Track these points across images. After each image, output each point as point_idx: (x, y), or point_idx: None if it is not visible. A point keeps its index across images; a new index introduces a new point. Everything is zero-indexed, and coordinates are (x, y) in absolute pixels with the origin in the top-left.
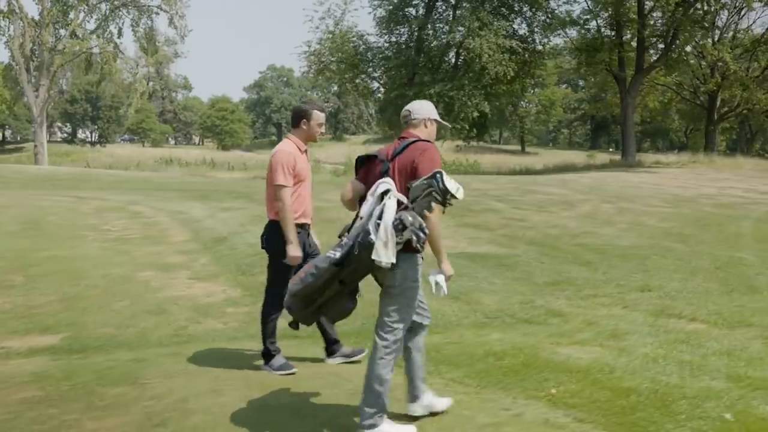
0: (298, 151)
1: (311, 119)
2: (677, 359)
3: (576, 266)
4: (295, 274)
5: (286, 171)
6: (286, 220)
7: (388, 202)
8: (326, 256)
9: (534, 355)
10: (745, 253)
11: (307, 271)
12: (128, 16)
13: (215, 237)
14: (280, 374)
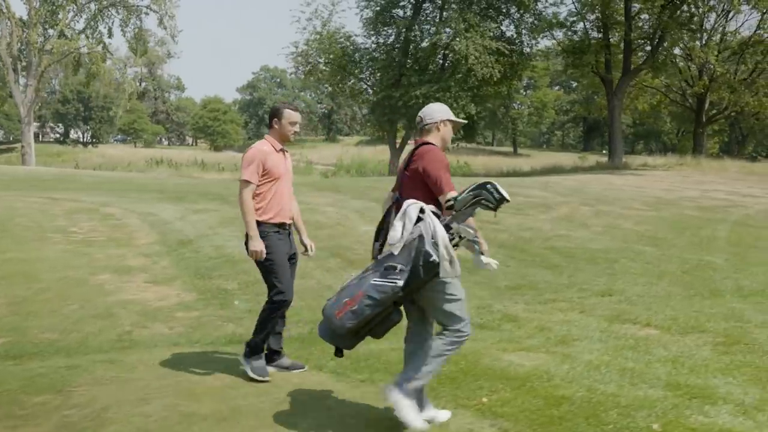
0: (272, 150)
1: (282, 118)
2: (620, 366)
3: (541, 270)
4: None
5: (252, 168)
6: (246, 214)
7: (432, 220)
8: (382, 284)
9: (476, 362)
10: (716, 257)
11: (360, 304)
12: (117, 16)
13: (181, 239)
14: (253, 375)
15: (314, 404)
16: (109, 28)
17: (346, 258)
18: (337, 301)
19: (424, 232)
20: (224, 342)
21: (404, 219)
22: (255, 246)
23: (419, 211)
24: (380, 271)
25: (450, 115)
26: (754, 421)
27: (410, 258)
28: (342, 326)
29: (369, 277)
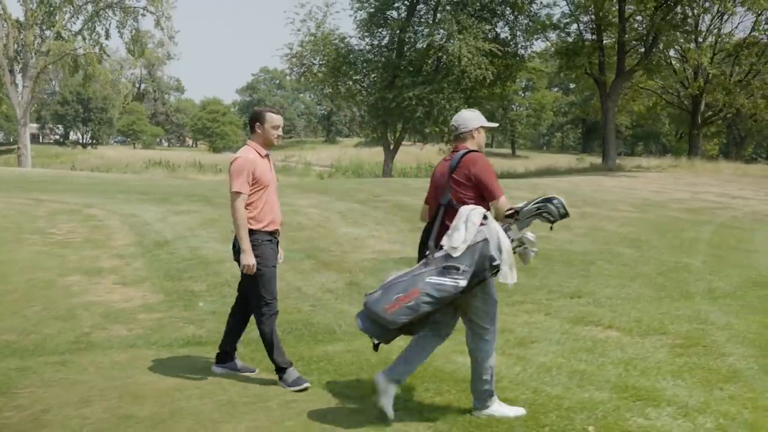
0: (258, 157)
1: (265, 122)
2: (572, 369)
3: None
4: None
5: (243, 178)
6: (239, 228)
7: (496, 226)
8: (442, 283)
9: (428, 363)
10: (694, 259)
11: (418, 300)
12: (114, 17)
13: (158, 241)
14: (294, 390)
15: (256, 406)
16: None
17: (321, 260)
18: (384, 297)
19: (489, 237)
20: (182, 344)
21: (467, 223)
22: (247, 260)
23: (482, 216)
24: (439, 269)
25: (483, 121)
26: (693, 424)
27: (474, 260)
28: (394, 321)
29: (424, 275)
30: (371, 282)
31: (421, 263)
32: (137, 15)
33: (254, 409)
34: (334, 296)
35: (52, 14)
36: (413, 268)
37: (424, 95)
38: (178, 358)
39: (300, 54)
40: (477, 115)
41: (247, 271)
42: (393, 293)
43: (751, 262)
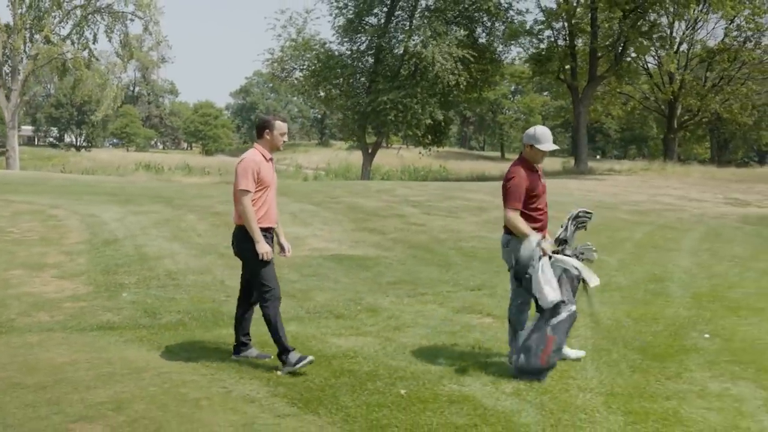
0: (264, 160)
1: (274, 129)
2: (422, 347)
3: (434, 267)
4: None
5: (249, 177)
6: (250, 221)
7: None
8: (562, 321)
9: (304, 343)
10: (613, 257)
11: (557, 342)
12: (103, 22)
13: (107, 239)
14: (299, 369)
15: (131, 377)
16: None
17: None
18: (530, 356)
19: (566, 266)
20: (94, 328)
21: (543, 276)
22: (262, 248)
23: (548, 258)
24: (551, 311)
25: (536, 142)
26: (500, 392)
27: (568, 288)
28: (552, 365)
29: (544, 325)
30: (293, 276)
31: (537, 318)
32: (125, 20)
33: (128, 379)
34: None
35: (41, 19)
36: (535, 319)
37: (398, 99)
38: (87, 340)
39: (281, 59)
40: (534, 133)
41: (264, 257)
42: (535, 351)
43: (664, 260)
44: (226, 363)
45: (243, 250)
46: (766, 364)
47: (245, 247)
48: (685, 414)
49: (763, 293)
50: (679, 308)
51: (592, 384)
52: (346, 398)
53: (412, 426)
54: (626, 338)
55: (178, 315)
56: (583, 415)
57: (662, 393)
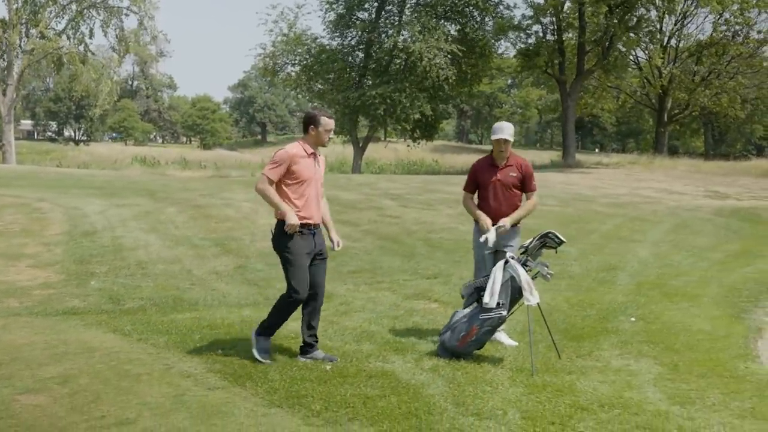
0: (303, 154)
1: (320, 125)
2: (363, 330)
3: (397, 257)
4: (460, 335)
5: (276, 167)
6: (271, 197)
7: (516, 265)
8: (491, 318)
9: (250, 326)
10: (574, 247)
11: (479, 335)
12: (98, 17)
13: (87, 231)
14: (255, 354)
15: (82, 356)
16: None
17: (226, 248)
18: (454, 336)
19: (514, 275)
20: (59, 313)
21: (494, 277)
22: (291, 219)
23: (504, 262)
24: (487, 309)
25: (494, 135)
26: (419, 368)
27: (508, 294)
28: (467, 352)
29: (477, 315)
30: (259, 266)
31: (475, 305)
32: (121, 15)
33: (79, 357)
34: (217, 277)
35: (36, 13)
36: (471, 309)
37: (387, 94)
38: (49, 323)
39: (273, 54)
40: (496, 127)
41: (292, 230)
42: (459, 333)
43: (624, 250)
44: (173, 343)
45: (277, 244)
46: (673, 344)
47: (279, 242)
48: (580, 386)
49: (705, 281)
50: (618, 295)
51: (506, 361)
52: (274, 374)
53: (327, 396)
54: (555, 321)
55: (141, 301)
56: (487, 387)
57: (567, 369)
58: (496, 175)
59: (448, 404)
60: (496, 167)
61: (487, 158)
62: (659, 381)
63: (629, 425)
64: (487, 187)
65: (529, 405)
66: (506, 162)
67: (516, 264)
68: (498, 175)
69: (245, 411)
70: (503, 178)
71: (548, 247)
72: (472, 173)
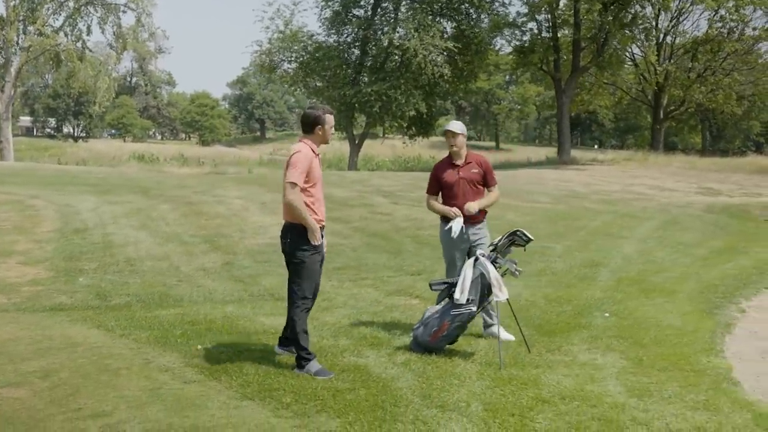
0: (314, 155)
1: (326, 124)
2: (341, 325)
3: (384, 254)
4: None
5: (300, 170)
6: (301, 212)
7: (486, 262)
8: (461, 314)
9: (233, 322)
10: (561, 243)
11: (450, 330)
12: (96, 14)
13: (78, 228)
14: (319, 379)
15: (65, 351)
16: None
17: (215, 245)
18: (426, 331)
19: (484, 271)
20: (46, 309)
21: (465, 274)
22: (316, 234)
23: (475, 259)
24: (458, 304)
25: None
26: (392, 362)
27: (478, 290)
28: (439, 347)
29: (448, 311)
30: (247, 262)
31: (446, 301)
32: (118, 11)
33: (62, 352)
34: (204, 274)
35: (34, 10)
36: (443, 305)
37: (382, 91)
38: (35, 319)
39: (269, 51)
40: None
41: (314, 241)
42: (431, 328)
43: (609, 247)
44: (154, 339)
45: (292, 247)
46: (642, 339)
47: (297, 246)
48: (544, 380)
49: (684, 277)
50: (596, 291)
51: (476, 356)
52: (250, 368)
53: (298, 389)
54: (531, 317)
55: (127, 298)
56: (455, 381)
57: (535, 363)
58: (459, 174)
59: (415, 397)
60: (458, 166)
61: (446, 159)
62: (622, 374)
63: (585, 417)
64: (452, 187)
65: (492, 397)
66: (465, 160)
67: (486, 261)
68: (461, 173)
69: (218, 403)
70: (466, 175)
71: (517, 245)
72: (434, 175)
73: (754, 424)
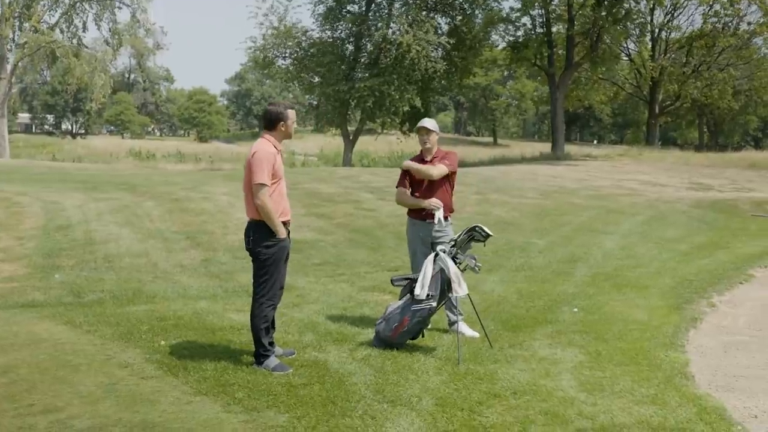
0: (276, 152)
1: (288, 119)
2: (309, 321)
3: (364, 250)
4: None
5: (265, 170)
6: (271, 215)
7: (446, 258)
8: (421, 309)
9: (201, 317)
10: (544, 239)
11: (410, 325)
12: (91, 10)
13: (61, 225)
14: (276, 375)
15: (29, 348)
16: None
17: (197, 241)
18: (387, 326)
19: (444, 267)
20: (18, 306)
21: (425, 271)
22: (281, 234)
23: (435, 255)
24: (418, 300)
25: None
26: (352, 358)
27: (438, 285)
28: (400, 342)
29: (409, 307)
30: (225, 258)
31: (408, 297)
32: (114, 7)
33: (25, 349)
34: (181, 270)
35: (29, 7)
36: (404, 300)
37: (376, 86)
38: (6, 316)
39: (263, 47)
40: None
41: (280, 235)
42: (392, 323)
43: (591, 242)
44: (119, 335)
45: (255, 244)
46: (604, 334)
47: (259, 243)
48: (500, 374)
49: (660, 272)
50: (570, 286)
51: (437, 351)
52: (209, 364)
53: (252, 385)
54: (500, 312)
55: (101, 294)
56: (411, 376)
57: (494, 358)
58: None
59: (368, 392)
60: (427, 162)
61: (417, 156)
62: (577, 369)
63: (533, 411)
64: (420, 182)
65: (445, 392)
66: (434, 155)
67: (446, 257)
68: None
69: (171, 399)
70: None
71: (476, 241)
72: (404, 171)
73: (698, 418)
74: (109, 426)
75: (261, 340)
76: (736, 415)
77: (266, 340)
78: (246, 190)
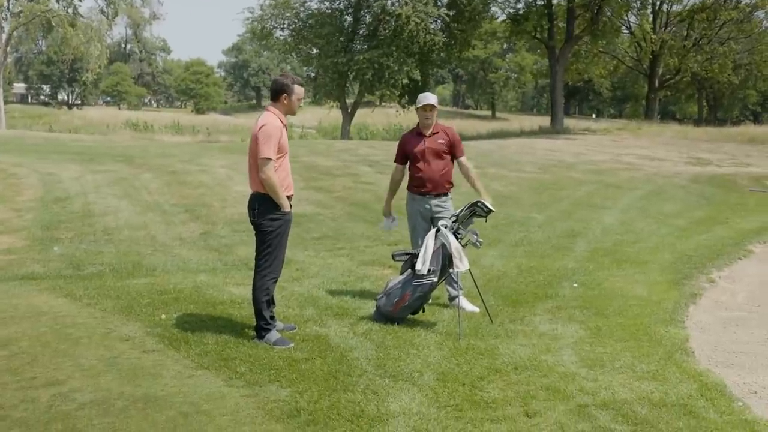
0: (282, 125)
1: (292, 94)
2: (309, 296)
3: (363, 224)
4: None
5: (272, 144)
6: (276, 189)
7: (447, 233)
8: (422, 284)
9: (201, 291)
10: (543, 214)
11: (411, 300)
12: None
13: (59, 197)
14: (277, 349)
15: (30, 320)
16: None
17: (196, 214)
18: (388, 301)
19: (445, 242)
20: (18, 278)
21: (426, 246)
22: (287, 208)
23: (437, 230)
24: (419, 275)
25: (418, 103)
26: (353, 332)
27: (439, 261)
28: (401, 317)
29: (410, 282)
30: (224, 232)
31: (409, 272)
32: None
33: (26, 321)
34: (181, 243)
35: None
36: (405, 275)
37: (375, 59)
38: (5, 288)
39: (261, 18)
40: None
41: (285, 208)
42: (393, 298)
43: (590, 217)
44: (120, 308)
45: (261, 218)
46: (605, 309)
47: (264, 216)
48: (501, 349)
49: (659, 248)
50: (570, 261)
51: (438, 326)
52: (210, 338)
53: (254, 359)
54: (500, 287)
55: (101, 267)
56: (413, 351)
57: (495, 333)
58: (425, 144)
59: (370, 366)
60: (424, 136)
61: (414, 129)
62: (578, 344)
63: (534, 386)
64: (418, 156)
65: (446, 367)
66: (432, 130)
67: (447, 232)
68: (427, 143)
69: (173, 373)
70: (432, 145)
71: (478, 216)
72: (401, 145)
73: (699, 394)
74: (112, 399)
75: (262, 313)
76: (736, 391)
77: (267, 314)
78: (251, 163)
